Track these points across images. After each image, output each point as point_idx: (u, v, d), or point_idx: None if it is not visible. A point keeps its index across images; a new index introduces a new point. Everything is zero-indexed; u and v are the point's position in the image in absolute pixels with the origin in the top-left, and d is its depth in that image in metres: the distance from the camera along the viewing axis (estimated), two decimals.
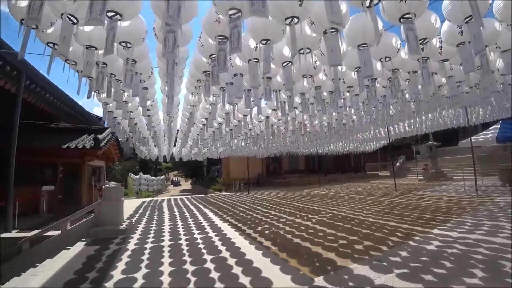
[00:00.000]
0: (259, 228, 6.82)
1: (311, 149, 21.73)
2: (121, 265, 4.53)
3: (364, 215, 7.62)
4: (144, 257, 4.88)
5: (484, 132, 13.62)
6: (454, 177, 18.51)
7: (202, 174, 32.75)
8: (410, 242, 4.81)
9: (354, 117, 8.27)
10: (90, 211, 7.48)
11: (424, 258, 3.98)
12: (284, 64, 3.48)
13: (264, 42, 2.83)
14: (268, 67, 2.81)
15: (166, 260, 4.66)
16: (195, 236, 6.31)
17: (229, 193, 20.26)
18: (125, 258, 4.90)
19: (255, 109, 5.02)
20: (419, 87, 4.61)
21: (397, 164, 27.82)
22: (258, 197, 15.56)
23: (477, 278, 3.24)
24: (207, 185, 26.97)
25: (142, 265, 4.49)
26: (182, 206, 12.73)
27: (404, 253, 4.25)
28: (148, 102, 5.00)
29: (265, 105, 6.56)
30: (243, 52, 2.93)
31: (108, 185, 7.49)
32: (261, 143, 11.03)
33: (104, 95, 4.17)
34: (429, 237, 5.03)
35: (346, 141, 19.31)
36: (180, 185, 52.78)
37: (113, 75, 3.37)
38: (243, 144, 10.84)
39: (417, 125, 15.57)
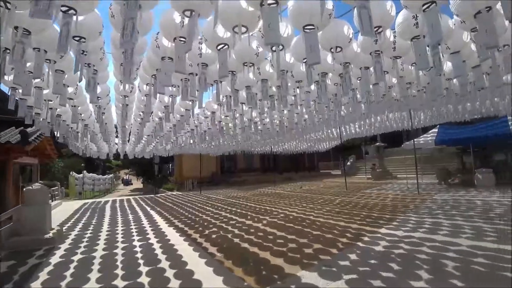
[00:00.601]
0: (207, 232, 6.36)
1: (266, 148, 21.73)
2: (36, 285, 3.78)
3: (315, 215, 7.56)
4: (68, 273, 4.15)
5: (424, 135, 14.68)
6: (398, 175, 19.76)
7: (154, 172, 31.13)
8: (359, 243, 4.73)
9: (306, 116, 8.13)
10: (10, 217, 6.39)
11: (373, 261, 3.87)
12: (219, 47, 2.99)
13: (188, 13, 2.37)
14: (190, 44, 2.35)
15: (94, 275, 4.00)
16: (134, 243, 5.64)
17: (181, 193, 19.40)
18: (43, 275, 4.12)
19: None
20: (371, 86, 4.53)
21: (348, 163, 29.13)
22: (211, 196, 15.04)
23: (423, 281, 3.17)
24: (159, 184, 25.66)
25: (63, 283, 3.79)
26: (127, 208, 11.74)
27: (353, 256, 4.12)
28: (71, 89, 4.26)
29: (211, 100, 6.02)
30: (167, 29, 2.45)
31: (30, 187, 6.42)
32: (211, 141, 10.46)
33: (9, 77, 3.39)
34: (377, 237, 5.02)
35: (300, 140, 19.57)
36: (131, 184, 49.71)
37: (7, 50, 2.64)
38: (191, 141, 10.14)
39: (367, 127, 16.31)
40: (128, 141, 10.51)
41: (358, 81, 4.34)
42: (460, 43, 3.35)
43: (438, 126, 14.34)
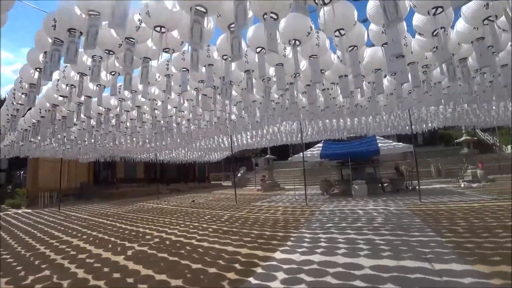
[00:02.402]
0: (32, 278, 4.00)
1: (151, 155, 19.19)
2: None
3: (198, 237, 6.07)
4: None
5: (311, 149, 15.50)
6: (286, 187, 20.48)
7: None
8: (251, 280, 3.52)
9: (189, 115, 6.56)
10: None
11: None
12: None
13: None
14: None
15: None
16: None
17: (30, 210, 14.65)
18: None
19: None
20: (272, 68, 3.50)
21: (239, 174, 29.15)
22: (71, 215, 11.63)
23: None
24: (2, 198, 19.17)
25: None
26: None
27: None
28: None
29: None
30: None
31: None
32: (58, 138, 7.56)
33: None
34: (273, 266, 3.94)
35: (189, 148, 18.13)
36: None
37: None
38: (26, 138, 6.92)
39: (258, 138, 16.20)
40: None
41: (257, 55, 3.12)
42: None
43: (323, 141, 15.38)
